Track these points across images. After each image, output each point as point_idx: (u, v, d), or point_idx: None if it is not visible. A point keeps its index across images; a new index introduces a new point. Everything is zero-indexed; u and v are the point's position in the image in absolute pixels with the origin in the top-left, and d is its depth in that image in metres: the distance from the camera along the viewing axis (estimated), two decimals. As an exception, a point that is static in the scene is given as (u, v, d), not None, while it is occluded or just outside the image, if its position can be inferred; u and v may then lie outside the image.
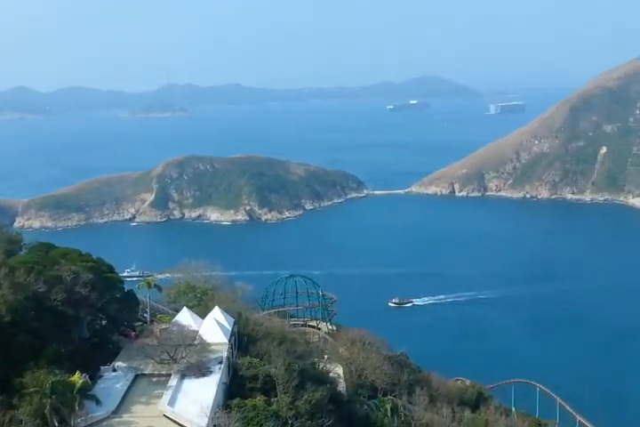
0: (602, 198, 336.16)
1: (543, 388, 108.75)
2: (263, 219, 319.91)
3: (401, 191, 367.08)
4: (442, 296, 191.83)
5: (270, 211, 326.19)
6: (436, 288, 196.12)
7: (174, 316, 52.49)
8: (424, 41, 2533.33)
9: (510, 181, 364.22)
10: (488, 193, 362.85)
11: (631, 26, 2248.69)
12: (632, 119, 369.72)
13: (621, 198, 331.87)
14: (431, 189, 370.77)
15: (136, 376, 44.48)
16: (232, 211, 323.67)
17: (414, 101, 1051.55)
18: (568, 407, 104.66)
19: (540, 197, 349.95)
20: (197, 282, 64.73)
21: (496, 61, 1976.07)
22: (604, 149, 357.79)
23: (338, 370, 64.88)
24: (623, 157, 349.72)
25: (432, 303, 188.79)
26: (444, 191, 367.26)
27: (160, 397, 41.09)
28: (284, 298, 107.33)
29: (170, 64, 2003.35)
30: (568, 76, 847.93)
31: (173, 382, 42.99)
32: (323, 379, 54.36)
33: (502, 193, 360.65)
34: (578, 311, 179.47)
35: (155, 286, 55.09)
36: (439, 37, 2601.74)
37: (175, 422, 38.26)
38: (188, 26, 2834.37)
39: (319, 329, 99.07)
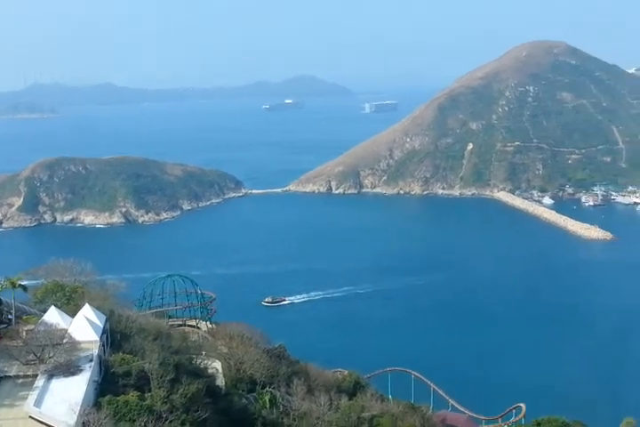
0: (470, 193, 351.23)
1: (417, 375, 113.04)
2: (140, 221, 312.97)
3: (279, 190, 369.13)
4: (320, 292, 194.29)
5: (147, 212, 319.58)
6: (315, 284, 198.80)
7: (42, 316, 50.75)
8: (299, 41, 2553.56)
9: (384, 178, 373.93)
10: (364, 190, 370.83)
11: (493, 27, 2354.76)
12: (495, 116, 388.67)
13: (487, 192, 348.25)
14: (309, 188, 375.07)
15: (0, 379, 42.79)
16: (107, 213, 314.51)
17: (289, 101, 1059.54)
18: (441, 392, 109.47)
19: (412, 192, 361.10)
20: (66, 281, 62.77)
21: (367, 61, 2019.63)
22: (470, 146, 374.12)
23: (216, 365, 64.80)
24: (488, 153, 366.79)
25: (308, 300, 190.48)
26: (321, 189, 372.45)
27: (26, 398, 39.77)
28: (162, 298, 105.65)
29: (36, 62, 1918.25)
30: (437, 76, 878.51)
31: (40, 382, 41.64)
32: (199, 373, 54.18)
33: (377, 189, 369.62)
34: (450, 300, 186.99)
35: (19, 286, 53.02)
36: (313, 38, 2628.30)
37: (42, 422, 37.13)
38: (55, 22, 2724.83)
39: (199, 328, 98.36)
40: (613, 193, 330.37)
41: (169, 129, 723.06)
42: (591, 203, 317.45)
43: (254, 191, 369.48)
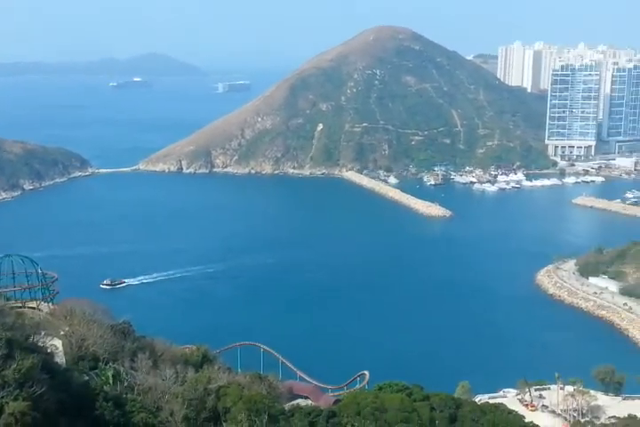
0: (320, 172, 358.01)
1: (266, 348, 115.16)
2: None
3: (128, 169, 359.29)
4: (171, 271, 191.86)
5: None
6: (163, 265, 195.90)
7: None
8: (150, 18, 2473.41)
9: (236, 158, 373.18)
10: (215, 169, 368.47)
11: (346, 10, 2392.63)
12: (344, 98, 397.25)
13: (336, 172, 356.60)
14: (159, 167, 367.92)
15: None
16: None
17: (138, 79, 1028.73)
18: (289, 364, 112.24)
19: (264, 172, 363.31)
20: None
21: (220, 40, 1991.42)
22: (320, 126, 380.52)
23: (56, 343, 62.79)
24: (337, 134, 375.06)
25: (156, 281, 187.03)
26: (171, 168, 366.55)
27: None
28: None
29: None
30: (291, 57, 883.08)
31: None
32: (36, 350, 52.31)
33: (229, 169, 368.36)
34: (298, 277, 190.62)
35: None
36: (164, 16, 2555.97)
37: None
38: None
39: (40, 310, 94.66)
40: (452, 173, 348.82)
41: (5, 105, 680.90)
42: (432, 182, 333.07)
43: (102, 170, 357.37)
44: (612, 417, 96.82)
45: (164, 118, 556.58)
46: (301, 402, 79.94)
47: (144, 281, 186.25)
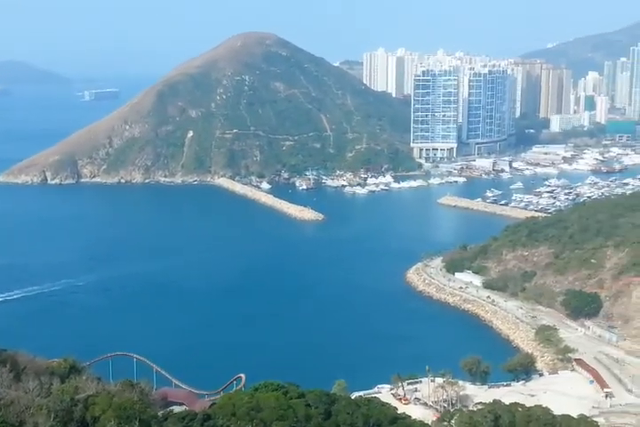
0: (192, 180, 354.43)
1: (140, 358, 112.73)
2: None
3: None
4: (34, 288, 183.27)
5: None
6: (24, 281, 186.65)
7: None
8: (5, 24, 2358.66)
9: (104, 167, 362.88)
10: (83, 180, 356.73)
11: (212, 17, 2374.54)
12: (214, 104, 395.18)
13: (209, 179, 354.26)
14: (21, 179, 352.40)
15: None
16: None
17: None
18: (163, 372, 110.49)
19: (134, 181, 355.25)
20: None
21: (84, 47, 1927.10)
22: (190, 133, 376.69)
23: None
24: (208, 141, 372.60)
25: (19, 298, 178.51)
26: (35, 180, 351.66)
27: None
28: None
29: None
30: (160, 64, 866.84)
31: None
32: None
33: (97, 179, 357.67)
34: (172, 285, 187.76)
35: None
36: (21, 22, 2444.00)
37: None
38: None
39: None
40: (324, 177, 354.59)
41: None
42: (304, 186, 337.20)
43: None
44: (479, 403, 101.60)
45: (24, 129, 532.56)
46: (176, 409, 78.94)
47: (8, 298, 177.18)
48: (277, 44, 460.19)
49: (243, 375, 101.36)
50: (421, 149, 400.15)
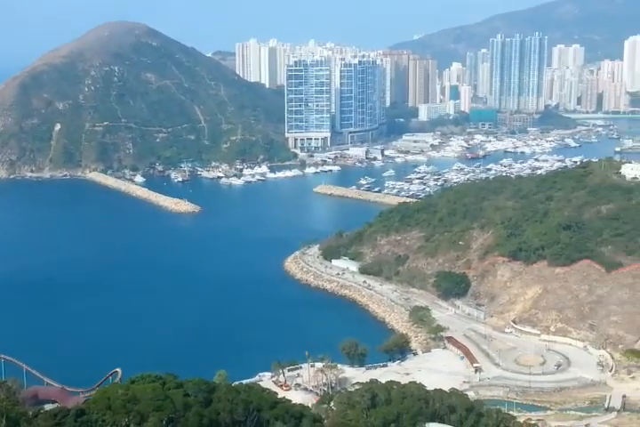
0: (61, 175, 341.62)
1: (8, 358, 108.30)
2: None
3: None
4: None
5: None
6: None
7: None
8: None
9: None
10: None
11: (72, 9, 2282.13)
12: (82, 96, 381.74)
13: (80, 173, 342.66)
14: None
15: None
16: None
17: None
18: (34, 371, 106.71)
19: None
20: None
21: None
22: (58, 126, 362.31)
23: None
24: (77, 134, 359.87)
25: None
26: None
27: None
28: None
29: None
30: (19, 55, 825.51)
31: None
32: None
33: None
34: (42, 282, 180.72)
35: None
36: None
37: None
38: None
39: None
40: (199, 168, 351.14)
41: None
42: (180, 179, 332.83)
43: None
44: (356, 383, 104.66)
45: None
46: (48, 407, 76.64)
47: None
48: (147, 35, 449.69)
49: (119, 370, 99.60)
50: (296, 139, 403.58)
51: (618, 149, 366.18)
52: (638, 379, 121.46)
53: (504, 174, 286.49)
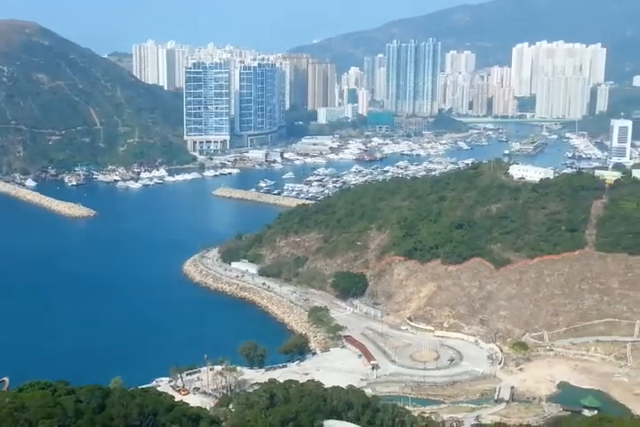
0: None
1: None
2: None
3: None
4: None
5: None
6: None
7: None
8: None
9: None
10: None
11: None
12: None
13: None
14: None
15: None
16: None
17: None
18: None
19: None
20: None
21: None
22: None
23: None
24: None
25: None
26: None
27: None
28: None
29: None
30: None
31: None
32: None
33: None
34: None
35: None
36: None
37: None
38: None
39: None
40: (95, 172, 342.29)
41: None
42: (74, 182, 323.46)
43: None
44: (255, 384, 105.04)
45: None
46: None
47: None
48: (39, 34, 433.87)
49: (7, 378, 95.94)
50: (195, 142, 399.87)
51: (507, 152, 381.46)
52: (525, 371, 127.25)
53: (400, 176, 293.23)
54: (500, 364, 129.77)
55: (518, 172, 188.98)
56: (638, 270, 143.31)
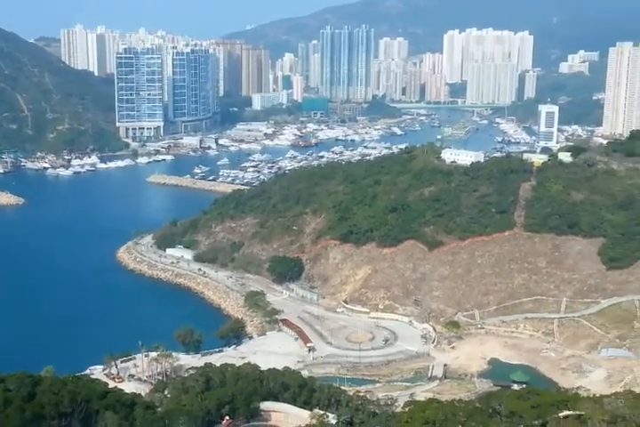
0: None
1: None
2: None
3: None
4: None
5: None
6: None
7: None
8: None
9: None
10: None
11: None
12: None
13: None
14: None
15: None
16: None
17: None
18: None
19: None
20: None
21: None
22: None
23: None
24: None
25: None
26: None
27: None
28: None
29: None
30: None
31: None
32: None
33: None
34: None
35: None
36: None
37: None
38: None
39: None
40: (23, 159, 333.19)
41: None
42: (1, 170, 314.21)
43: None
44: (191, 368, 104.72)
45: None
46: None
47: None
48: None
49: None
50: (128, 129, 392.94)
51: (439, 137, 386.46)
52: (458, 349, 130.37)
53: (336, 161, 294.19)
54: (433, 343, 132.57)
55: (450, 156, 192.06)
56: (564, 250, 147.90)
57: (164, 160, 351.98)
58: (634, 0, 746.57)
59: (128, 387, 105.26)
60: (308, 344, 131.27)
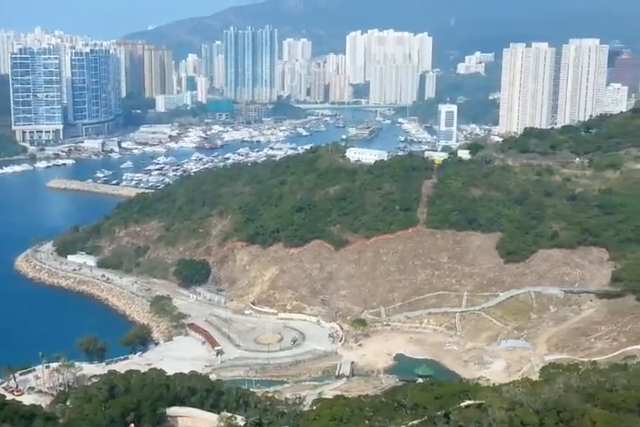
0: None
1: None
2: None
3: None
4: None
5: None
6: None
7: None
8: None
9: None
10: None
11: None
12: None
13: None
14: None
15: None
16: None
17: None
18: None
19: None
20: None
21: None
22: None
23: None
24: None
25: None
26: None
27: None
28: None
29: None
30: None
31: None
32: None
33: None
34: None
35: None
36: None
37: None
38: None
39: None
40: None
41: None
42: None
43: None
44: (94, 376, 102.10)
45: None
46: None
47: None
48: None
49: None
50: (24, 132, 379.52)
51: (344, 137, 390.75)
52: (364, 346, 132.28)
53: (241, 163, 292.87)
54: (340, 341, 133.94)
55: (355, 155, 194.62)
56: (465, 245, 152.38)
57: (64, 164, 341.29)
58: (521, 5, 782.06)
59: (28, 400, 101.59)
60: (216, 348, 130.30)
